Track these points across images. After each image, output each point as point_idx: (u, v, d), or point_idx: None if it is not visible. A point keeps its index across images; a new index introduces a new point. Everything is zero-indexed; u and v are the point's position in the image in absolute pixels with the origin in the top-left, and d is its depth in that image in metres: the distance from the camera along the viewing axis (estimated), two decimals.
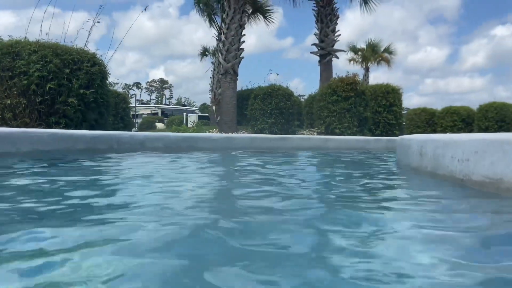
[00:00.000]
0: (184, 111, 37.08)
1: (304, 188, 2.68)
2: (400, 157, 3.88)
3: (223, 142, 7.87)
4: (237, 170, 3.83)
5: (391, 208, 1.98)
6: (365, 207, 1.97)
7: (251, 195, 2.26)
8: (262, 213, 1.75)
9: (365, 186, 2.71)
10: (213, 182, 2.98)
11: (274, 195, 2.27)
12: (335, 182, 3.03)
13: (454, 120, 18.85)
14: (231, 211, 1.82)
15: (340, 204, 2.06)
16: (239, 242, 1.21)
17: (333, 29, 14.31)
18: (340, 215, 1.72)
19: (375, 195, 2.40)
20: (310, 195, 2.37)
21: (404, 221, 1.59)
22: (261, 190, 2.47)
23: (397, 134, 12.66)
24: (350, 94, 10.87)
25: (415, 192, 2.55)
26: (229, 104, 10.88)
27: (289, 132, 10.38)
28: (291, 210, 1.81)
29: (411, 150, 3.33)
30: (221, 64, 10.98)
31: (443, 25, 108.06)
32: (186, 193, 2.31)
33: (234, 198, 2.23)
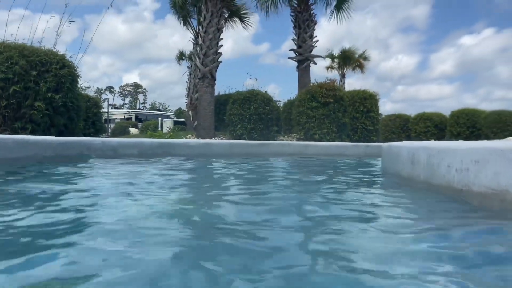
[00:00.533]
0: (159, 116, 36.44)
1: (288, 205, 2.48)
2: (387, 165, 3.76)
3: (201, 148, 7.61)
4: (216, 178, 3.61)
5: (385, 222, 1.82)
6: (350, 222, 1.79)
7: (229, 206, 2.06)
8: (241, 228, 1.56)
9: (351, 199, 2.55)
10: (190, 193, 2.74)
11: (248, 205, 2.07)
12: (319, 194, 2.85)
13: (427, 126, 19.21)
14: (208, 229, 1.61)
15: (321, 219, 1.87)
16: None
17: (310, 35, 14.30)
18: (321, 234, 1.53)
19: (361, 210, 2.23)
20: (291, 211, 2.18)
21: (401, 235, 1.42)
22: (238, 201, 2.27)
23: (375, 140, 12.72)
24: (329, 100, 10.82)
25: (408, 204, 2.40)
26: (207, 109, 10.62)
27: (268, 137, 10.21)
28: (272, 224, 1.62)
29: (401, 158, 3.20)
30: (198, 68, 10.72)
31: (414, 33, 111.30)
32: (159, 205, 2.08)
33: (212, 213, 2.01)
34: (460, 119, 17.73)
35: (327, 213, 1.97)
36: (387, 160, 3.75)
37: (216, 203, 2.24)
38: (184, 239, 1.39)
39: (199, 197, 2.57)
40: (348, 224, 1.71)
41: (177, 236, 1.41)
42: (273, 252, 1.23)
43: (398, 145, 3.38)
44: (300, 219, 1.84)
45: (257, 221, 1.72)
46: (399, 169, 3.26)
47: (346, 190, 2.94)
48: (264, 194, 2.70)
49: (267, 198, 2.53)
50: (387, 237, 1.50)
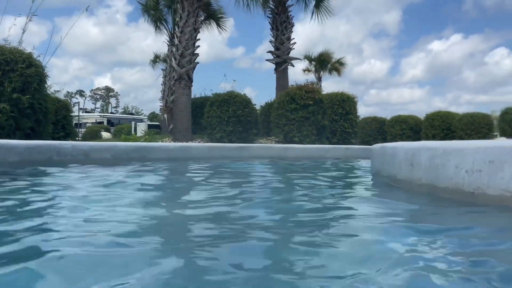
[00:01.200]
0: (132, 120, 35.59)
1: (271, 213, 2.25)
2: (379, 168, 3.58)
3: (179, 151, 7.29)
4: (198, 183, 3.34)
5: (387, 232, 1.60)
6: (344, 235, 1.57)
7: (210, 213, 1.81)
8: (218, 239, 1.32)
9: (348, 207, 2.33)
10: (168, 203, 2.47)
11: (222, 214, 1.83)
12: (306, 199, 2.63)
13: (403, 129, 19.45)
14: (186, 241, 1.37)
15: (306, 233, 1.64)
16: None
17: (288, 37, 14.18)
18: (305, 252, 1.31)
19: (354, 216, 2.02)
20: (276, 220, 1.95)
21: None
22: (213, 211, 2.02)
23: (354, 142, 12.70)
24: (309, 102, 10.69)
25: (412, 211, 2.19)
26: (184, 111, 10.28)
27: (247, 140, 9.97)
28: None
29: (397, 159, 3.02)
30: (175, 69, 10.38)
31: (386, 39, 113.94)
32: (134, 216, 1.80)
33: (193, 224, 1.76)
34: (435, 121, 18.03)
35: (319, 230, 1.74)
36: (379, 162, 3.57)
37: (199, 212, 1.98)
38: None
39: (170, 206, 2.30)
40: (352, 243, 1.47)
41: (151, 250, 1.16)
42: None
43: (393, 146, 3.20)
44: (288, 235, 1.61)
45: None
46: (395, 172, 3.08)
47: (341, 198, 2.73)
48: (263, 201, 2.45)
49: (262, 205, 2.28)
50: (405, 259, 1.26)
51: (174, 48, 10.53)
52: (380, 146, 3.56)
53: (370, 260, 1.17)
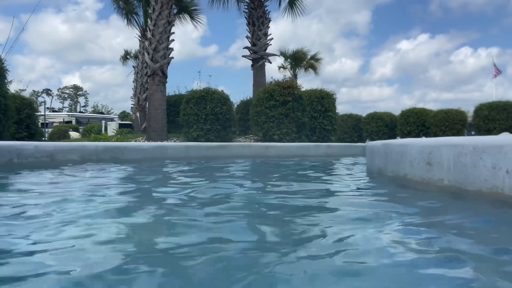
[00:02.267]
0: (102, 119, 34.36)
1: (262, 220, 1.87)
2: (381, 167, 3.26)
3: (154, 151, 6.80)
4: (177, 190, 2.91)
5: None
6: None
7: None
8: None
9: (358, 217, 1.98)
10: (141, 215, 2.04)
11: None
12: (299, 211, 2.26)
13: (379, 126, 19.49)
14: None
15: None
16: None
17: (265, 32, 13.82)
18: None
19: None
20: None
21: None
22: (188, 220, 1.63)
23: (333, 139, 12.48)
24: (288, 98, 10.38)
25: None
26: (158, 109, 9.72)
27: (226, 139, 9.54)
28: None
29: (408, 158, 2.70)
30: (148, 64, 9.80)
31: (356, 38, 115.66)
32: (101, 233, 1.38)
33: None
34: (410, 118, 18.13)
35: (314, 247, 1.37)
36: (381, 161, 3.25)
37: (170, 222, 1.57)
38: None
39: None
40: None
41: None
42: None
43: (402, 143, 2.88)
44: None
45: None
46: (405, 172, 2.76)
47: (344, 205, 2.37)
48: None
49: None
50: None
51: (147, 42, 9.94)
52: (383, 144, 3.23)
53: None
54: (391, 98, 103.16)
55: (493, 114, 14.25)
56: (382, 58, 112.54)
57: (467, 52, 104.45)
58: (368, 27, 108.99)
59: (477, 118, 15.00)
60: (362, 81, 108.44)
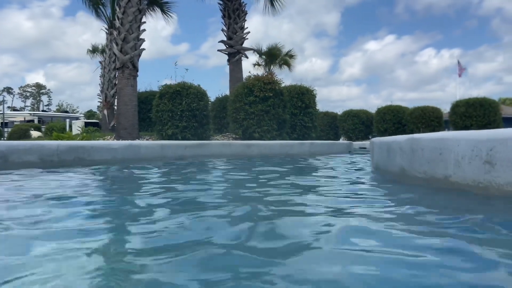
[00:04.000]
0: (66, 118, 32.72)
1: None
2: (405, 167, 2.73)
3: (126, 151, 6.06)
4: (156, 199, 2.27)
5: None
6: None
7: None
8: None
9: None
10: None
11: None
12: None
13: (355, 123, 19.30)
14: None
15: None
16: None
17: (241, 26, 13.21)
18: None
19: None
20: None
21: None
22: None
23: (314, 137, 12.03)
24: (269, 94, 9.82)
25: None
26: (129, 104, 8.90)
27: (204, 137, 8.87)
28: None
29: (452, 156, 2.18)
30: (117, 56, 8.96)
31: (326, 38, 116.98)
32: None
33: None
34: (386, 115, 18.00)
35: None
36: (406, 160, 2.73)
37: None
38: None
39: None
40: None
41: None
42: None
43: (441, 137, 2.35)
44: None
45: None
46: (446, 173, 2.23)
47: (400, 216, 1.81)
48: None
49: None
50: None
51: (115, 32, 9.09)
52: (408, 139, 2.71)
53: None
54: (359, 97, 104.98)
55: (470, 111, 14.24)
56: (351, 58, 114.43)
57: (431, 53, 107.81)
58: (337, 28, 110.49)
59: (454, 115, 14.98)
60: (332, 81, 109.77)
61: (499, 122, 14.20)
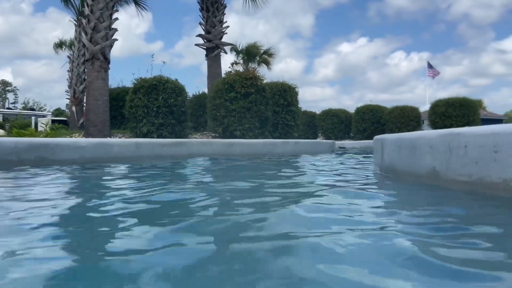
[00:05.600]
0: (33, 115, 31.09)
1: None
2: (438, 168, 2.28)
3: (95, 149, 5.41)
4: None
5: None
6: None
7: None
8: None
9: None
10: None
11: None
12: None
13: (334, 123, 19.03)
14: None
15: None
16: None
17: (220, 19, 12.62)
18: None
19: None
20: None
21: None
22: None
23: (296, 136, 11.60)
24: (251, 90, 9.30)
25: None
26: (99, 99, 8.16)
27: (182, 135, 8.25)
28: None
29: (503, 156, 1.73)
30: (86, 47, 8.20)
31: (301, 40, 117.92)
32: None
33: None
34: (366, 115, 17.82)
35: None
36: (440, 160, 2.27)
37: None
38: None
39: None
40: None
41: None
42: None
43: (494, 131, 1.90)
44: None
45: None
46: (505, 176, 1.78)
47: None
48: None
49: None
50: None
51: (84, 20, 8.32)
52: (445, 135, 2.25)
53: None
54: (332, 98, 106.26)
55: (450, 110, 14.19)
56: (324, 59, 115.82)
57: (401, 56, 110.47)
58: (312, 29, 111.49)
59: (434, 115, 14.91)
60: (306, 81, 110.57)
61: (478, 122, 14.22)
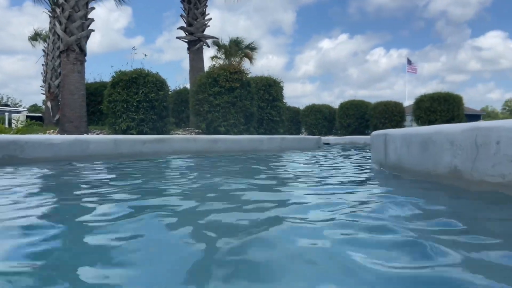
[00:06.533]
0: (6, 111, 29.87)
1: None
2: (466, 169, 2.02)
3: (71, 147, 5.00)
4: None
5: None
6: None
7: None
8: None
9: None
10: None
11: None
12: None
13: (318, 118, 18.88)
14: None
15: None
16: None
17: (202, 11, 12.20)
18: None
19: None
20: None
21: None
22: None
23: (282, 132, 11.34)
24: (235, 85, 8.96)
25: None
26: (75, 94, 7.67)
27: (163, 132, 7.86)
28: None
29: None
30: (61, 38, 7.69)
31: (282, 36, 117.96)
32: None
33: None
34: (350, 110, 17.72)
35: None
36: (465, 159, 2.01)
37: None
38: None
39: None
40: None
41: None
42: None
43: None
44: None
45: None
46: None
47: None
48: None
49: None
50: None
51: (58, 9, 7.80)
52: (467, 129, 1.99)
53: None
54: (313, 94, 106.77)
55: (435, 105, 14.17)
56: (305, 56, 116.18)
57: (380, 52, 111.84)
58: (293, 26, 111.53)
59: (418, 110, 14.88)
60: (287, 78, 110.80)
61: (462, 117, 14.26)
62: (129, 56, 27.81)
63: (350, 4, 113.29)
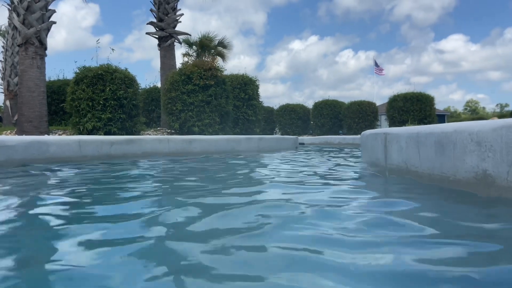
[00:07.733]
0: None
1: None
2: (490, 172, 1.73)
3: (28, 150, 4.46)
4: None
5: None
6: None
7: None
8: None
9: None
10: None
11: None
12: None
13: (292, 118, 18.69)
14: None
15: None
16: None
17: (173, 6, 11.67)
18: None
19: None
20: None
21: None
22: None
23: (258, 132, 11.00)
24: (210, 82, 8.54)
25: None
26: (34, 91, 7.01)
27: (133, 132, 7.33)
28: None
29: None
30: (19, 30, 7.02)
31: (253, 37, 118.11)
32: None
33: None
34: (324, 110, 17.63)
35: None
36: (498, 162, 1.72)
37: None
38: None
39: None
40: None
41: None
42: None
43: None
44: None
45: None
46: None
47: None
48: None
49: None
50: None
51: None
52: (498, 127, 1.69)
53: None
54: (284, 94, 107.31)
55: (408, 105, 14.23)
56: (277, 57, 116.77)
57: (349, 54, 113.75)
58: (264, 27, 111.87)
59: (392, 109, 14.91)
60: (259, 78, 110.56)
61: (434, 116, 14.39)
62: (94, 51, 26.28)
63: (320, 7, 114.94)
